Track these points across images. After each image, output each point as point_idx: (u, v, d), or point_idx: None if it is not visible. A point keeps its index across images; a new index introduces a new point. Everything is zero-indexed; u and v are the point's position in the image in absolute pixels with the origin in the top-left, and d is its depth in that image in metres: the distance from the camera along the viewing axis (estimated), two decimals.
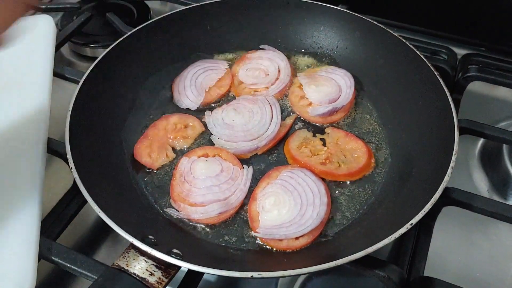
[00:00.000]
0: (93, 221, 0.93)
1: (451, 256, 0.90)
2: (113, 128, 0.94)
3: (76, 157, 0.79)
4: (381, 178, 0.89)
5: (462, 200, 0.85)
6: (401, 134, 0.94)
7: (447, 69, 1.15)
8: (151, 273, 0.67)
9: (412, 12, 1.32)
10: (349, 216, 0.84)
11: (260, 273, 0.65)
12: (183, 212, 0.82)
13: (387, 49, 1.04)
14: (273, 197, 0.82)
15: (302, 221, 0.78)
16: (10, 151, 0.88)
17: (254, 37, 1.15)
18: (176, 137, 0.95)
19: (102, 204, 0.72)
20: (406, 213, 0.73)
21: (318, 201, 0.81)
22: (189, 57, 1.11)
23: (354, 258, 0.66)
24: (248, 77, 1.07)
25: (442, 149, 0.82)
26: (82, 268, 0.75)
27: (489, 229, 0.94)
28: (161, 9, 1.45)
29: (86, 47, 1.28)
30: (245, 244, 0.80)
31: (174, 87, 1.05)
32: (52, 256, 0.76)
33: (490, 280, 0.87)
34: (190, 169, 0.87)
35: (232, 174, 0.87)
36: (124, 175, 0.88)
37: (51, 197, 0.89)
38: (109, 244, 0.90)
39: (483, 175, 1.04)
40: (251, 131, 0.94)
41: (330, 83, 1.03)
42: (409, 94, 0.97)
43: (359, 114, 1.02)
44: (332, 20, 1.12)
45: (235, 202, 0.83)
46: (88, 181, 0.76)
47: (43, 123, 0.93)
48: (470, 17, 1.26)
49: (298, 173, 0.85)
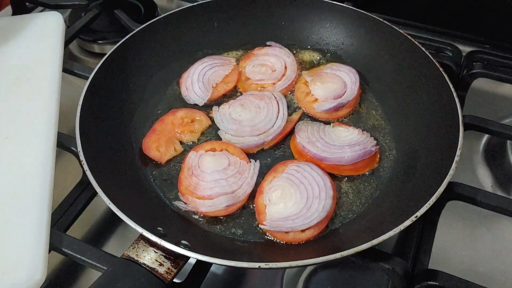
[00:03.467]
0: (102, 213, 0.94)
1: (455, 250, 0.91)
2: (122, 123, 0.95)
3: (86, 151, 0.81)
4: (386, 172, 0.90)
5: (466, 195, 0.85)
6: (406, 129, 0.95)
7: (452, 66, 1.15)
8: (160, 264, 0.68)
9: (417, 9, 1.33)
10: (355, 209, 0.85)
11: (267, 264, 0.66)
12: (191, 205, 0.84)
13: (392, 46, 1.05)
14: (280, 190, 0.83)
15: (308, 214, 0.80)
16: (21, 146, 0.90)
17: (261, 34, 1.16)
18: (184, 131, 0.96)
19: (112, 196, 0.74)
20: (411, 207, 0.74)
21: (324, 194, 0.82)
22: (196, 53, 1.13)
23: (360, 250, 0.67)
24: (255, 73, 1.08)
25: (446, 144, 0.83)
26: (92, 259, 0.76)
27: (492, 224, 0.94)
28: (168, 6, 1.46)
29: (94, 44, 1.29)
30: (252, 236, 0.81)
31: (181, 83, 1.07)
32: (62, 247, 0.78)
33: (493, 274, 0.88)
34: (198, 163, 0.88)
35: (239, 168, 0.88)
36: (132, 168, 0.90)
37: (60, 191, 0.90)
38: (118, 236, 0.92)
39: (488, 171, 1.04)
40: (257, 126, 0.95)
41: (335, 79, 1.04)
42: (414, 90, 0.98)
43: (365, 110, 1.03)
44: (338, 17, 1.13)
45: (242, 195, 0.85)
46: (98, 174, 0.77)
47: (53, 117, 0.94)
48: (475, 15, 1.27)
49: (304, 167, 0.86)
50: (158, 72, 1.07)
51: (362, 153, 0.88)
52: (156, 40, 1.08)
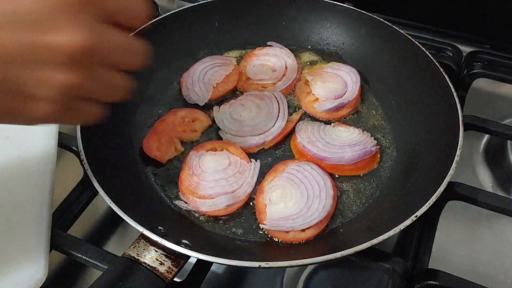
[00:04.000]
0: (103, 213, 0.95)
1: (455, 250, 0.91)
2: (123, 123, 0.95)
3: (87, 150, 0.81)
4: (387, 172, 0.91)
5: (466, 195, 0.85)
6: (406, 129, 0.95)
7: (453, 66, 1.15)
8: (161, 263, 0.68)
9: (417, 9, 1.33)
10: (355, 209, 0.85)
11: (268, 263, 0.66)
12: (191, 205, 0.84)
13: (393, 46, 1.05)
14: (280, 190, 0.83)
15: (309, 213, 0.80)
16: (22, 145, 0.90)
17: (261, 34, 1.16)
18: (185, 131, 0.96)
19: (113, 196, 0.74)
20: (411, 207, 0.74)
21: (324, 194, 0.82)
22: (197, 53, 1.13)
23: (360, 249, 0.67)
24: (256, 73, 1.08)
25: (447, 144, 0.83)
26: (93, 258, 0.76)
27: (493, 224, 0.95)
28: (169, 6, 1.46)
29: None
30: (252, 235, 0.82)
31: (182, 83, 1.07)
32: (63, 246, 0.78)
33: (493, 273, 0.88)
34: (199, 162, 0.88)
35: (240, 167, 0.88)
36: (133, 168, 0.90)
37: (61, 190, 0.90)
38: (119, 235, 0.92)
39: (488, 171, 1.04)
40: (258, 126, 0.95)
41: (336, 79, 1.05)
42: (415, 90, 0.98)
43: (365, 110, 1.03)
44: (338, 17, 1.13)
45: (242, 195, 0.85)
46: (99, 174, 0.77)
47: None
48: (475, 15, 1.27)
49: (304, 166, 0.86)
50: (159, 72, 1.07)
51: (362, 153, 0.88)
52: (157, 40, 1.08)
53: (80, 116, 0.59)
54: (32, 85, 0.51)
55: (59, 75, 0.51)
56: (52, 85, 0.51)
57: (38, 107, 0.53)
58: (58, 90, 0.52)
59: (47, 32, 0.48)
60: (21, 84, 0.50)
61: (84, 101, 0.57)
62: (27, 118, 0.54)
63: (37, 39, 0.48)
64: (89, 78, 0.54)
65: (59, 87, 0.52)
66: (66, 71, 0.51)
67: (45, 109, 0.53)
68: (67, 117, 0.57)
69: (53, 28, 0.48)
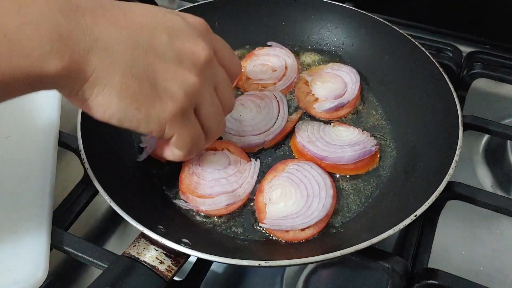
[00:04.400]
0: (103, 212, 0.95)
1: (455, 250, 0.91)
2: None
3: (87, 150, 0.81)
4: (386, 172, 0.91)
5: (466, 194, 0.86)
6: (406, 129, 0.95)
7: (452, 66, 1.16)
8: (161, 261, 0.68)
9: (417, 9, 1.33)
10: (355, 208, 0.85)
11: (267, 262, 0.66)
12: (191, 204, 0.84)
13: (392, 46, 1.05)
14: (280, 189, 0.84)
15: (308, 212, 0.80)
16: (23, 145, 0.90)
17: (261, 34, 1.16)
18: None
19: (113, 195, 0.74)
20: (411, 206, 0.74)
21: (324, 193, 0.83)
22: None
23: (360, 248, 0.67)
24: (256, 73, 1.08)
25: (446, 144, 0.83)
26: (93, 257, 0.76)
27: (492, 224, 0.95)
28: (169, 6, 1.47)
29: None
30: (252, 235, 0.82)
31: None
32: (63, 245, 0.78)
33: (493, 273, 0.88)
34: (199, 162, 0.88)
35: (240, 167, 0.88)
36: (134, 167, 0.90)
37: (62, 189, 0.90)
38: (119, 234, 0.92)
39: (488, 171, 1.05)
40: (258, 125, 0.96)
41: (336, 79, 1.05)
42: (414, 90, 0.99)
43: (365, 110, 1.03)
44: (338, 18, 1.14)
45: (242, 194, 0.85)
46: (99, 173, 0.78)
47: (55, 116, 0.94)
48: (475, 15, 1.27)
49: (304, 166, 0.87)
50: None
51: (362, 153, 0.89)
52: None
53: (191, 136, 0.69)
54: (170, 78, 0.62)
55: (191, 75, 0.63)
56: (183, 81, 0.63)
57: (164, 103, 0.62)
58: (186, 88, 0.63)
59: (189, 41, 0.64)
60: (162, 73, 0.61)
61: (194, 117, 0.68)
62: (154, 117, 0.63)
63: (182, 43, 0.63)
64: (207, 87, 0.67)
65: (187, 85, 0.63)
66: (195, 74, 0.64)
67: (169, 108, 0.63)
68: (183, 130, 0.67)
69: (191, 40, 0.64)
